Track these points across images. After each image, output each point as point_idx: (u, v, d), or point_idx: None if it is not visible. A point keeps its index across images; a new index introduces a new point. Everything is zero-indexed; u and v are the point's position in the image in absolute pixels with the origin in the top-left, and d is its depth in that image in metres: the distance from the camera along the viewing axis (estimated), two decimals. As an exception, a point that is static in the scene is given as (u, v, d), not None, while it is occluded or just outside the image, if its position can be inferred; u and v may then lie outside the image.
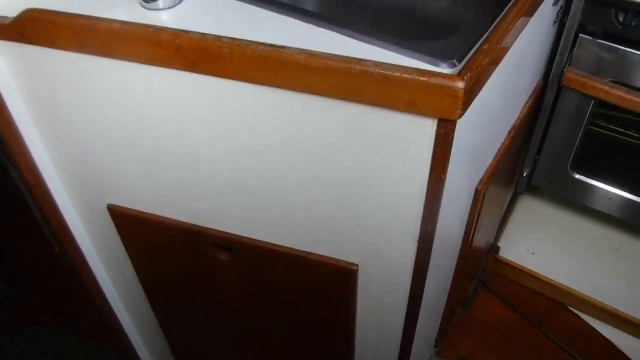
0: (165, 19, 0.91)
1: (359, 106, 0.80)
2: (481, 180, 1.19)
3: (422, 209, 0.89)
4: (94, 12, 0.89)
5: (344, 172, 0.89)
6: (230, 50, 0.80)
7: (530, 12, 0.97)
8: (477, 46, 0.85)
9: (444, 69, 0.80)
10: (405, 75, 0.75)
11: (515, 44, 0.96)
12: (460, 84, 0.74)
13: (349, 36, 0.85)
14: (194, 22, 0.89)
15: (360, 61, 0.76)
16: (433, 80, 0.74)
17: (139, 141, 1.00)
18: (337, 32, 0.86)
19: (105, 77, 0.92)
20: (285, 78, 0.80)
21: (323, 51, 0.78)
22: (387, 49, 0.83)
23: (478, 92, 0.81)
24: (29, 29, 0.91)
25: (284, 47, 0.78)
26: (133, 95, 0.93)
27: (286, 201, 0.99)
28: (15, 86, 1.00)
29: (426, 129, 0.79)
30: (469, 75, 0.75)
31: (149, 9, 0.92)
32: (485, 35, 0.87)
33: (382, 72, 0.75)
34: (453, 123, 0.78)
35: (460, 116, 0.77)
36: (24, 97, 1.02)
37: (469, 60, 0.80)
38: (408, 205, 0.90)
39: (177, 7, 0.93)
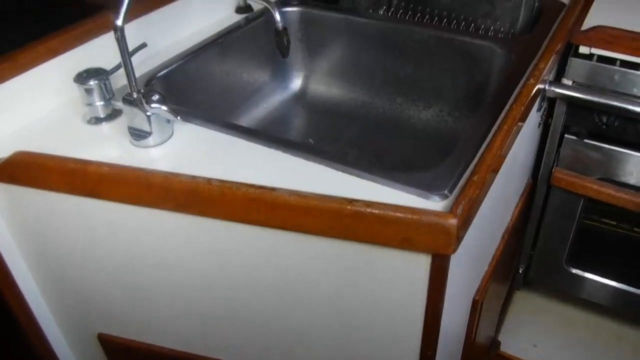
0: (155, 155, 0.91)
1: (353, 244, 0.79)
2: (478, 290, 1.18)
3: (419, 340, 0.88)
4: (84, 149, 0.90)
5: (340, 306, 0.88)
6: (221, 192, 0.80)
7: (516, 132, 0.98)
8: (467, 173, 0.85)
9: (435, 201, 0.80)
10: (397, 214, 0.75)
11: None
12: (453, 221, 0.74)
13: (338, 169, 0.86)
14: (184, 158, 0.89)
15: (351, 201, 0.76)
16: (425, 218, 0.74)
17: (128, 274, 0.99)
18: (326, 165, 0.86)
19: (95, 216, 0.91)
20: (276, 219, 0.80)
21: (313, 190, 0.78)
22: (377, 182, 0.83)
23: (471, 222, 0.81)
24: (19, 172, 0.91)
25: (274, 189, 0.78)
26: (123, 233, 0.92)
27: (280, 332, 0.97)
28: (3, 223, 1.00)
29: (421, 264, 0.79)
30: (460, 210, 0.75)
31: (139, 147, 0.93)
32: (475, 160, 0.87)
33: (373, 211, 0.75)
34: (447, 257, 0.78)
35: (454, 251, 0.76)
36: (13, 232, 1.01)
37: (459, 192, 0.80)
38: (406, 337, 0.89)
39: (167, 143, 0.94)
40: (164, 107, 0.90)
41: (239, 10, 1.39)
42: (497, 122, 0.97)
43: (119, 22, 0.87)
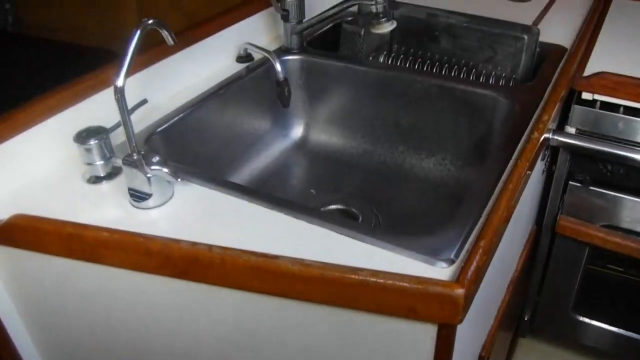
0: (155, 216, 0.90)
1: (357, 312, 0.78)
2: (483, 346, 1.15)
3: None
4: (84, 211, 0.89)
5: (344, 373, 0.86)
6: (222, 260, 0.78)
7: (522, 190, 0.97)
8: (474, 235, 0.83)
9: (441, 267, 0.78)
10: (403, 284, 0.73)
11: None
12: (460, 291, 0.72)
13: (341, 233, 0.84)
14: (185, 220, 0.88)
15: (355, 270, 0.74)
16: (432, 288, 0.72)
17: (127, 339, 0.97)
18: (329, 228, 0.85)
19: (93, 281, 0.90)
20: (279, 287, 0.78)
21: (316, 255, 0.77)
22: (382, 247, 0.81)
23: (478, 289, 0.79)
24: (17, 235, 0.89)
25: (276, 257, 0.77)
26: (121, 298, 0.90)
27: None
28: (1, 284, 0.98)
29: (427, 334, 0.77)
30: (468, 279, 0.74)
31: (139, 208, 0.91)
32: (481, 220, 0.86)
33: (378, 281, 0.73)
34: (454, 326, 0.76)
35: (461, 321, 0.74)
36: (11, 294, 1.00)
37: (466, 258, 0.78)
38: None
39: (167, 203, 0.92)
40: (165, 170, 0.88)
41: (239, 59, 1.38)
42: (502, 179, 0.96)
43: (119, 82, 0.86)
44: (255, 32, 1.46)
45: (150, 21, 0.90)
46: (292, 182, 1.38)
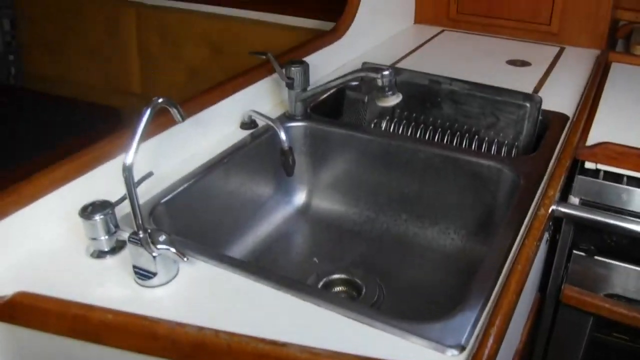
0: (160, 295, 0.89)
1: (366, 402, 0.76)
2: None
3: None
4: (88, 288, 0.89)
5: None
6: (229, 347, 0.77)
7: (529, 270, 0.96)
8: (483, 319, 0.82)
9: (453, 355, 0.77)
10: (413, 374, 0.72)
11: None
12: (472, 384, 0.71)
13: (348, 316, 0.83)
14: (190, 301, 0.87)
15: (366, 360, 0.73)
16: (443, 381, 0.71)
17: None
18: (336, 311, 0.84)
19: (97, 361, 0.88)
20: (287, 375, 0.76)
21: (324, 340, 0.76)
22: (391, 332, 0.80)
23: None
24: (20, 313, 0.88)
25: (285, 345, 0.76)
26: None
27: None
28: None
29: None
30: (479, 369, 0.72)
31: (143, 286, 0.90)
32: (490, 302, 0.85)
33: (389, 371, 0.72)
34: (466, 417, 0.74)
35: (473, 412, 0.73)
36: (10, 371, 0.98)
37: (477, 345, 0.77)
38: None
39: (173, 281, 0.91)
40: (172, 249, 0.88)
41: (243, 126, 1.39)
42: (509, 258, 0.95)
43: (128, 161, 0.86)
44: (259, 98, 1.47)
45: (160, 100, 0.90)
46: (295, 250, 1.37)
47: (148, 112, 0.88)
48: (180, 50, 2.63)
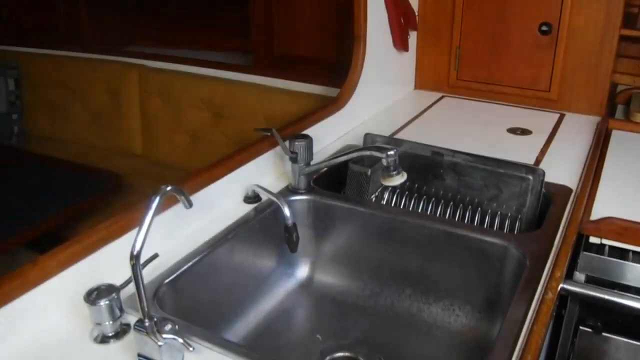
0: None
1: None
2: None
3: None
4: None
5: None
6: None
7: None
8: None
9: None
10: None
11: None
12: None
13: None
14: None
15: None
16: None
17: None
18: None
19: None
20: None
21: None
22: None
23: None
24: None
25: None
26: None
27: None
28: None
29: None
30: None
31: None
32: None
33: None
34: None
35: None
36: None
37: None
38: None
39: (177, 371, 0.90)
40: (179, 340, 0.87)
41: (247, 199, 1.39)
42: (517, 345, 0.94)
43: (136, 249, 0.86)
44: (263, 170, 1.47)
45: (169, 188, 0.91)
46: (298, 326, 1.36)
47: (157, 200, 0.88)
48: (182, 113, 2.65)
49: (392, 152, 1.14)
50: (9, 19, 3.45)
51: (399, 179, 1.16)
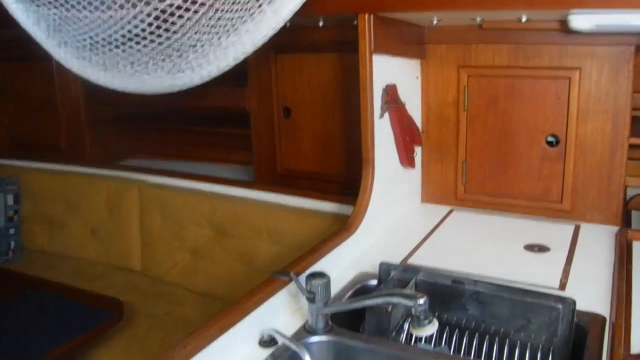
0: None
1: None
2: None
3: None
4: None
5: None
6: None
7: None
8: None
9: None
10: None
11: None
12: None
13: None
14: None
15: None
16: None
17: None
18: None
19: None
20: None
21: None
22: None
23: None
24: None
25: None
26: None
27: None
28: None
29: None
30: None
31: None
32: None
33: None
34: None
35: None
36: None
37: None
38: None
39: None
40: None
41: (262, 343, 1.31)
42: None
43: None
44: (276, 311, 1.40)
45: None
46: None
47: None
48: (183, 229, 2.59)
49: (421, 302, 1.06)
50: (9, 134, 3.47)
51: (430, 329, 1.08)
